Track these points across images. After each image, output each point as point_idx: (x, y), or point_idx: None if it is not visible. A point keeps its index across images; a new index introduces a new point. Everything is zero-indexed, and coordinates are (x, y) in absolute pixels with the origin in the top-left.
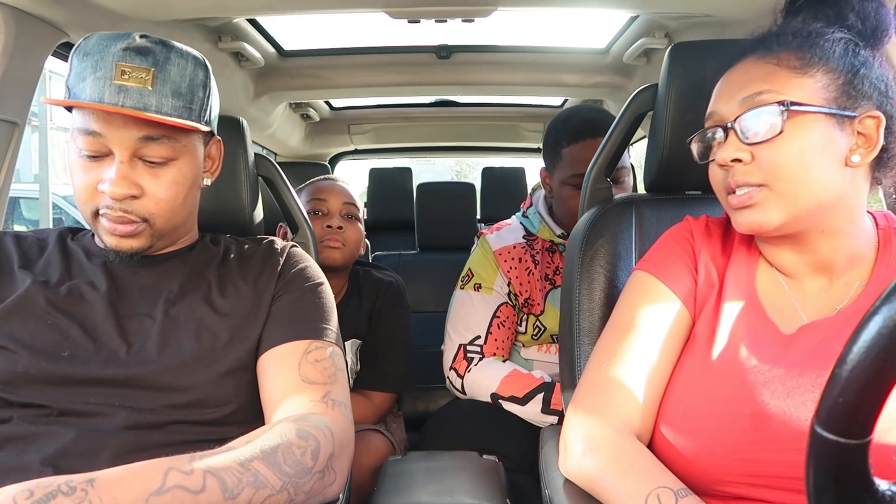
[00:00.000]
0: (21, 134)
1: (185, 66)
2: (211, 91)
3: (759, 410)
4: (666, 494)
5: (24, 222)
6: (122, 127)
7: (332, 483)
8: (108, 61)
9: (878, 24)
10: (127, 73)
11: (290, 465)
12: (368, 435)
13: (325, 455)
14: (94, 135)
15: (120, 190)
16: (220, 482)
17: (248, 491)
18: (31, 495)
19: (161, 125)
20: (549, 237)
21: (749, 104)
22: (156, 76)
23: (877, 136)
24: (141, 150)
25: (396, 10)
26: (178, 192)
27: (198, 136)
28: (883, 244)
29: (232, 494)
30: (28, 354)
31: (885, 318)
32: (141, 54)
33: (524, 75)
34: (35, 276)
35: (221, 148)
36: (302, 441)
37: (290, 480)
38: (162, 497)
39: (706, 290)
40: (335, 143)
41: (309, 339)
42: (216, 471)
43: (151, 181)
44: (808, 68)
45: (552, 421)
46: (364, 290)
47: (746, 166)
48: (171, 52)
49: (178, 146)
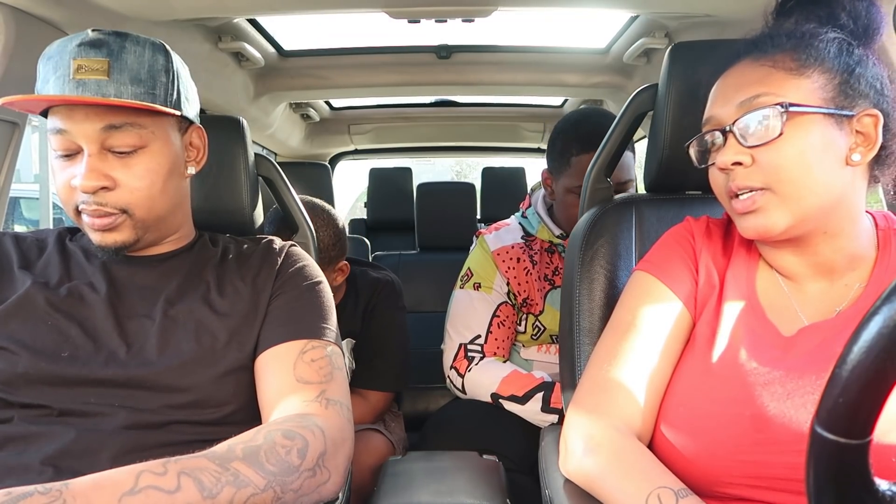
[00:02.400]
0: (21, 134)
1: (143, 53)
2: (177, 77)
3: (758, 412)
4: (666, 494)
5: (24, 222)
6: (84, 120)
7: (327, 482)
8: (65, 60)
9: (869, 23)
10: (83, 67)
11: (274, 464)
12: (367, 434)
13: (313, 453)
14: (61, 133)
15: (89, 182)
16: (197, 482)
17: (228, 490)
18: (8, 494)
19: (123, 113)
20: (547, 238)
21: (747, 107)
22: (111, 66)
23: (875, 134)
24: (108, 141)
25: (396, 10)
26: (153, 181)
27: (170, 123)
28: (882, 245)
29: (211, 493)
30: (28, 355)
31: (886, 318)
32: (95, 47)
33: (524, 75)
34: (35, 276)
35: (204, 136)
36: (287, 440)
37: (274, 479)
38: (135, 497)
39: (707, 291)
40: (335, 143)
41: (305, 339)
42: (191, 471)
43: (123, 171)
44: (805, 69)
45: (552, 420)
46: (360, 289)
47: (747, 169)
48: (125, 40)
49: (146, 133)
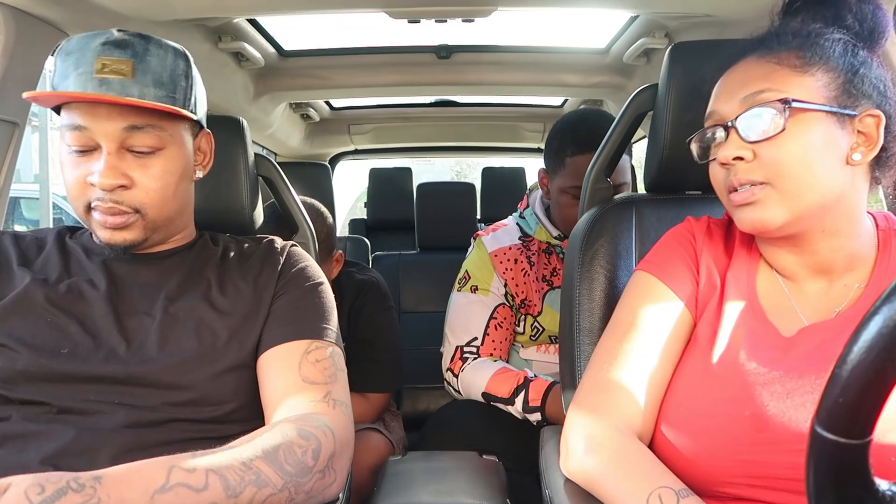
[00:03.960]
0: (21, 134)
1: (165, 56)
2: (194, 82)
3: (758, 412)
4: (667, 494)
5: (24, 222)
6: (106, 119)
7: (332, 483)
8: (88, 57)
9: (875, 26)
10: (107, 65)
11: (291, 465)
12: (367, 434)
13: (325, 455)
14: (80, 129)
15: (109, 180)
16: (223, 480)
17: (250, 489)
18: (42, 491)
19: (145, 114)
20: (545, 239)
21: (750, 102)
22: (136, 67)
23: (877, 134)
24: (127, 141)
25: (396, 10)
26: (168, 182)
27: (185, 127)
28: (882, 245)
29: (234, 493)
30: (28, 352)
31: (886, 318)
32: (120, 47)
33: (524, 75)
34: (34, 273)
35: (212, 141)
36: (303, 441)
37: (291, 480)
38: (166, 495)
39: (708, 291)
40: (335, 143)
41: (309, 339)
42: (219, 469)
43: (140, 172)
44: (809, 67)
45: (538, 418)
46: (344, 290)
47: (748, 164)
48: (149, 43)
49: (165, 135)
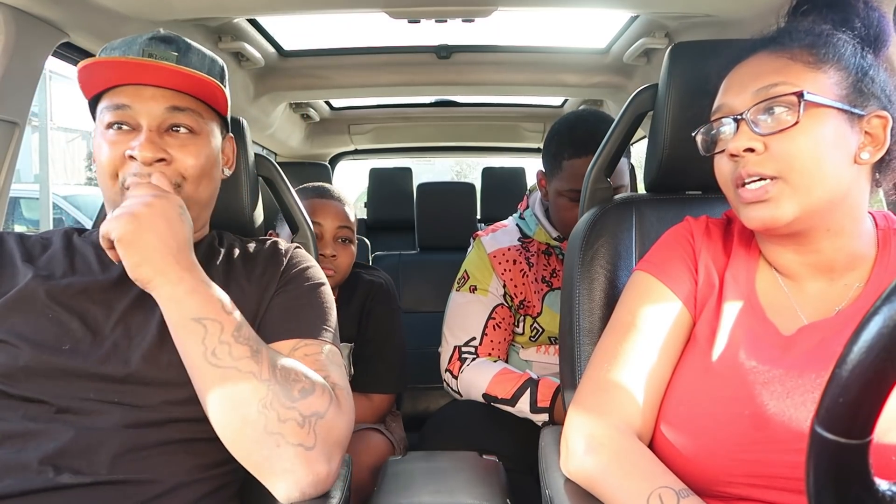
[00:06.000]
0: (21, 134)
1: (204, 57)
2: (226, 88)
3: (758, 411)
4: (668, 494)
5: (24, 222)
6: (150, 99)
7: (312, 448)
8: (134, 49)
9: (880, 33)
10: (154, 55)
11: (282, 376)
12: (367, 434)
13: (310, 404)
14: (123, 108)
15: (149, 153)
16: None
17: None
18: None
19: (186, 99)
20: (545, 240)
21: (763, 95)
22: (179, 59)
23: (884, 135)
24: (168, 121)
25: (396, 10)
26: (205, 164)
27: (216, 123)
28: (882, 245)
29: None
30: (29, 348)
31: (886, 318)
32: (165, 42)
33: (524, 75)
34: (37, 269)
35: (234, 146)
36: (302, 373)
37: (275, 387)
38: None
39: (706, 290)
40: (335, 144)
41: (297, 338)
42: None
43: (178, 150)
44: (822, 64)
45: (544, 418)
46: (354, 292)
47: (759, 157)
48: (190, 45)
49: (202, 122)
